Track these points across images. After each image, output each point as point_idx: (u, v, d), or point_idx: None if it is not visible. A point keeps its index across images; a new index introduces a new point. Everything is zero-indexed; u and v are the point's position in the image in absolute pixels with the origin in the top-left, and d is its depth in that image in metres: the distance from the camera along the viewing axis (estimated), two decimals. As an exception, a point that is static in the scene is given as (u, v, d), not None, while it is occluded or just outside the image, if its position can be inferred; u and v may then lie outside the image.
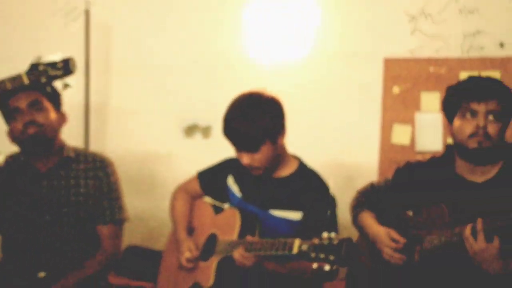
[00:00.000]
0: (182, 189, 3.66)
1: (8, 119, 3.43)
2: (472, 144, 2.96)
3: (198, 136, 4.94)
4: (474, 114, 2.95)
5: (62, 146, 3.53)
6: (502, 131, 2.98)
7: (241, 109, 3.18)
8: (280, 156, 3.29)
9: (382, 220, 3.27)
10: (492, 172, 3.03)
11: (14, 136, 3.43)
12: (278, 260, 3.14)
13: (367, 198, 3.36)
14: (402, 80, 4.59)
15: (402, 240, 3.09)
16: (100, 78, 5.00)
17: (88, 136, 4.90)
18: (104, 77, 5.06)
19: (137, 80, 5.03)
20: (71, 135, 3.77)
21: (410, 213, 3.22)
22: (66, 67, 3.19)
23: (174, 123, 4.97)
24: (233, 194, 3.43)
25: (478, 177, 3.05)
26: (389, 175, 3.38)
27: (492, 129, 2.94)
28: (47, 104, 3.42)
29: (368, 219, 3.27)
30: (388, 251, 3.11)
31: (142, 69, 5.03)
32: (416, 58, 4.58)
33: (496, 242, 2.76)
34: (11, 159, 3.55)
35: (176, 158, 4.96)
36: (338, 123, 4.70)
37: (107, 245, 3.55)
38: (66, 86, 3.23)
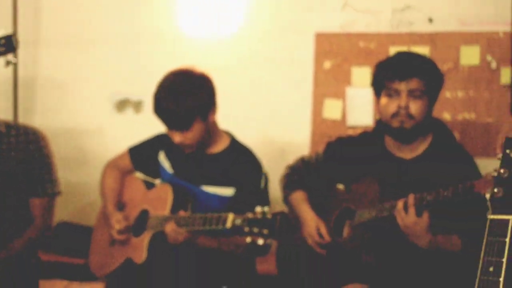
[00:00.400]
0: (113, 164, 3.63)
1: None
2: (395, 123, 3.01)
3: (129, 111, 4.89)
4: (396, 93, 2.99)
5: None
6: (427, 107, 3.02)
7: (171, 87, 3.17)
8: (211, 132, 3.29)
9: (313, 194, 3.30)
10: (420, 148, 3.09)
11: None
12: (210, 235, 3.15)
13: (299, 175, 3.38)
14: (333, 55, 4.61)
15: (327, 238, 3.13)
16: (28, 50, 4.90)
17: (16, 110, 4.80)
18: (32, 50, 4.96)
19: (67, 53, 4.94)
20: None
21: (341, 187, 3.26)
22: (8, 44, 3.13)
23: (105, 98, 4.91)
24: (164, 170, 3.42)
25: (407, 154, 3.10)
26: (321, 149, 3.41)
27: (414, 107, 2.99)
28: None
29: (300, 202, 3.29)
30: (312, 243, 3.15)
31: (72, 42, 4.94)
32: (346, 33, 4.61)
33: (425, 216, 2.81)
34: None
35: (107, 133, 4.91)
36: (270, 98, 4.70)
37: (39, 218, 3.50)
38: (8, 63, 3.17)
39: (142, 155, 3.53)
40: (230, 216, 2.86)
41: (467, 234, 2.88)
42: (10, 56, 3.19)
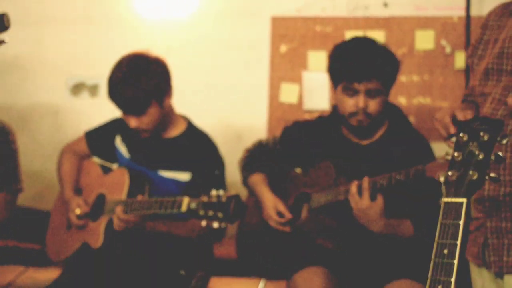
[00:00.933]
0: (69, 149, 3.60)
1: None
2: (353, 122, 3.04)
3: (85, 95, 4.85)
4: (354, 92, 3.01)
5: None
6: (384, 103, 3.05)
7: (124, 72, 3.15)
8: (167, 116, 3.28)
9: (271, 177, 3.32)
10: (376, 134, 3.12)
11: None
12: (165, 220, 3.15)
13: (257, 158, 3.39)
14: (289, 39, 4.62)
15: (287, 215, 3.14)
16: (-19, 32, 4.83)
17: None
18: (-15, 32, 4.88)
19: (21, 32, 4.86)
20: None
21: (299, 170, 3.28)
22: (0, 23, 3.08)
23: (60, 81, 4.85)
24: (121, 155, 3.40)
25: (363, 140, 3.12)
26: (278, 133, 3.42)
27: (372, 106, 3.01)
28: None
29: (258, 184, 3.30)
30: (273, 224, 3.16)
31: (27, 21, 4.87)
32: (303, 17, 4.61)
33: (380, 200, 2.84)
34: None
35: (62, 117, 4.86)
36: (226, 82, 4.69)
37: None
38: (1, 42, 3.14)
39: (98, 140, 3.51)
40: (185, 200, 2.86)
41: (419, 218, 2.92)
42: (2, 36, 3.15)
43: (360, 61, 3.00)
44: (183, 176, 3.25)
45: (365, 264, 3.03)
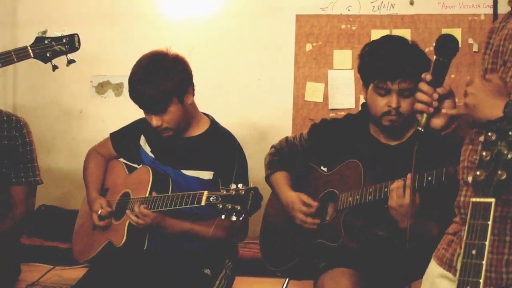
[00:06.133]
0: (95, 150, 3.63)
1: None
2: (385, 122, 3.00)
3: (109, 93, 4.86)
4: (387, 92, 2.97)
5: None
6: (415, 102, 3.01)
7: (144, 71, 3.16)
8: (190, 115, 3.28)
9: (296, 175, 3.30)
10: (405, 135, 3.08)
11: None
12: (187, 218, 3.16)
13: (282, 155, 3.38)
14: (315, 37, 4.60)
15: (314, 203, 3.12)
16: (6, 30, 4.86)
17: (-4, 92, 4.78)
18: (11, 30, 4.91)
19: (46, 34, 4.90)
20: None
21: (325, 169, 3.26)
22: (71, 43, 3.13)
23: (85, 80, 4.88)
24: (145, 154, 3.41)
25: (391, 140, 3.09)
26: (303, 132, 3.40)
27: (405, 106, 2.97)
28: None
29: (281, 183, 3.28)
30: (301, 217, 3.13)
31: (51, 22, 4.88)
32: (328, 15, 4.60)
33: (417, 199, 2.81)
34: None
35: (87, 115, 4.88)
36: (251, 81, 4.70)
37: (19, 206, 3.50)
38: (71, 62, 3.18)
39: (123, 141, 3.52)
40: (205, 194, 2.86)
41: (445, 219, 2.89)
42: (72, 55, 3.21)
43: (394, 60, 2.96)
44: (206, 175, 3.24)
45: (390, 265, 3.00)
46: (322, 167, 3.27)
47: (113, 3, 4.85)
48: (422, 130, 2.18)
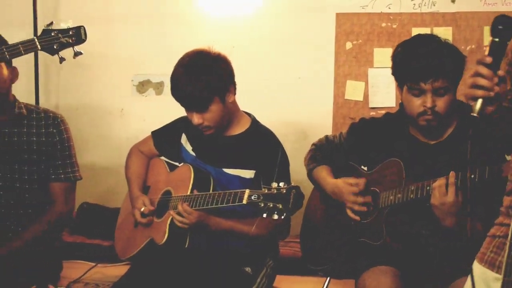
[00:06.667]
0: (137, 149, 3.66)
1: None
2: (421, 122, 2.98)
3: (150, 92, 4.89)
4: (421, 92, 2.95)
5: (14, 103, 3.48)
6: (452, 101, 2.98)
7: (186, 69, 3.17)
8: (231, 114, 3.29)
9: (336, 174, 3.30)
10: (444, 134, 3.06)
11: None
12: (229, 217, 3.17)
13: (323, 152, 3.38)
14: (355, 35, 4.58)
15: (361, 181, 3.12)
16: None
17: (38, 91, 4.81)
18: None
19: (88, 32, 4.92)
20: (21, 90, 3.72)
21: (365, 168, 3.25)
22: (78, 35, 3.15)
23: (126, 79, 4.91)
24: (187, 153, 3.42)
25: (431, 140, 3.07)
26: (344, 130, 3.40)
27: (440, 105, 2.94)
28: None
29: (324, 173, 3.29)
30: (352, 198, 3.12)
31: (92, 21, 4.89)
32: (368, 13, 4.58)
33: (460, 198, 2.79)
34: None
35: (128, 114, 4.91)
36: (291, 80, 4.69)
37: (60, 201, 3.53)
38: (77, 54, 3.20)
39: (164, 139, 3.55)
40: (246, 192, 2.86)
41: (489, 218, 2.86)
42: (78, 47, 3.22)
43: (424, 60, 2.92)
44: (248, 174, 3.25)
45: (432, 264, 2.99)
46: (362, 166, 3.27)
47: (154, 2, 4.87)
48: (478, 116, 2.06)
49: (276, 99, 4.67)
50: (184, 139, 3.45)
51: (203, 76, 3.12)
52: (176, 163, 3.49)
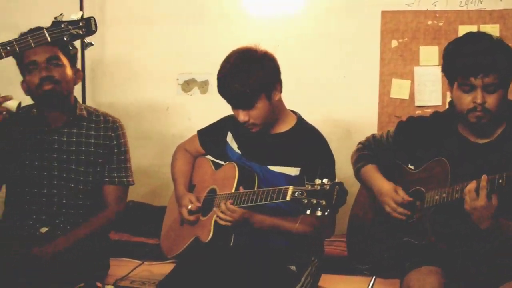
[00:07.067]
0: (183, 147, 3.68)
1: (24, 71, 3.44)
2: (471, 119, 2.95)
3: (195, 91, 4.91)
4: (471, 88, 2.92)
5: (75, 104, 3.55)
6: (502, 98, 2.95)
7: (233, 66, 3.18)
8: (277, 111, 3.29)
9: (383, 173, 3.28)
10: (494, 133, 3.02)
11: (28, 89, 3.45)
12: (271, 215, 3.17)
13: (370, 150, 3.36)
14: (400, 33, 4.55)
15: (407, 198, 3.09)
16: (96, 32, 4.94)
17: (84, 90, 4.86)
18: (99, 29, 4.98)
19: (133, 32, 4.98)
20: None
21: (412, 167, 3.23)
22: (88, 26, 3.16)
23: (171, 78, 4.94)
24: (232, 151, 3.43)
25: (480, 139, 3.04)
26: (390, 129, 3.38)
27: (490, 102, 2.91)
28: (64, 60, 3.44)
29: (372, 172, 3.27)
30: (392, 204, 3.10)
31: (137, 21, 4.98)
32: (414, 11, 4.54)
33: (494, 200, 2.76)
34: (23, 111, 3.56)
35: (173, 113, 4.94)
36: (336, 78, 4.67)
37: (112, 205, 3.60)
38: (88, 45, 3.22)
39: (210, 137, 3.57)
40: (290, 189, 2.85)
41: None
42: (88, 38, 3.23)
43: (475, 54, 2.91)
44: (293, 171, 3.25)
45: (478, 265, 2.96)
46: (409, 165, 3.24)
47: (199, 2, 4.89)
48: None
49: (321, 97, 4.66)
50: (229, 138, 3.46)
51: (250, 73, 3.12)
52: (222, 162, 3.51)
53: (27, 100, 3.51)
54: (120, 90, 5.04)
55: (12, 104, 3.16)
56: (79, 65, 3.62)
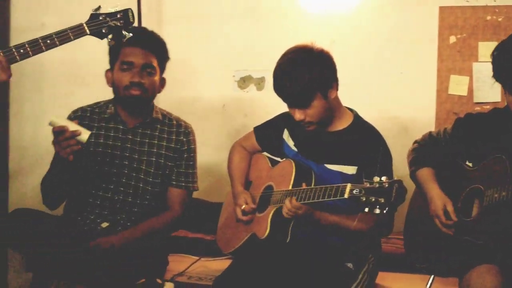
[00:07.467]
0: (239, 144, 3.69)
1: (114, 63, 3.53)
2: None
3: (251, 88, 4.92)
4: None
5: (152, 107, 3.63)
6: None
7: (289, 65, 3.17)
8: (334, 109, 3.28)
9: (440, 171, 3.24)
10: None
11: (113, 83, 3.54)
12: (329, 210, 3.16)
13: (426, 151, 3.33)
14: (459, 29, 4.50)
15: (454, 218, 3.07)
16: (151, 27, 4.96)
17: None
18: (156, 27, 5.02)
19: (190, 29, 5.01)
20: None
21: (470, 164, 3.19)
22: (126, 18, 3.19)
23: (228, 75, 4.95)
24: (288, 148, 3.43)
25: None
26: (447, 126, 3.34)
27: None
28: (157, 69, 3.54)
29: (427, 179, 3.24)
30: (438, 224, 3.10)
31: (194, 19, 5.01)
32: (472, 6, 4.49)
33: None
34: (98, 107, 3.65)
35: (230, 110, 4.96)
36: (392, 74, 4.64)
37: (175, 208, 3.64)
38: (125, 37, 3.24)
39: (267, 134, 3.57)
40: (348, 186, 2.84)
41: None
42: (126, 31, 3.25)
43: None
44: (350, 170, 3.23)
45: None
46: (467, 162, 3.21)
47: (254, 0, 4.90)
48: None
49: (378, 94, 4.64)
50: (286, 135, 3.46)
51: (305, 72, 3.11)
52: (278, 159, 3.51)
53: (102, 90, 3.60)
54: (177, 87, 5.03)
55: (83, 137, 3.23)
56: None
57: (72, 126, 3.24)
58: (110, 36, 3.13)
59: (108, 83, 3.58)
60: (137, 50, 3.48)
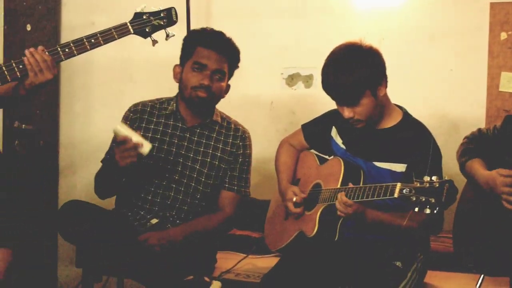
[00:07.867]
0: (287, 141, 3.70)
1: (186, 60, 3.56)
2: None
3: (299, 85, 4.91)
4: None
5: (213, 109, 3.68)
6: None
7: (338, 62, 3.16)
8: (383, 107, 3.26)
9: (489, 167, 3.21)
10: None
11: (181, 80, 3.58)
12: (377, 208, 3.14)
13: (476, 144, 3.29)
14: (510, 25, 4.44)
15: None
16: (200, 24, 4.97)
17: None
18: (204, 23, 5.03)
19: (238, 26, 4.99)
20: (164, 87, 3.86)
21: (518, 161, 3.16)
22: (169, 17, 3.21)
23: (276, 72, 4.95)
24: (337, 146, 3.43)
25: None
26: (497, 124, 3.31)
27: None
28: (226, 75, 3.60)
29: (477, 166, 3.21)
30: (505, 189, 3.03)
31: (242, 15, 5.00)
32: (524, 2, 4.43)
33: None
34: (159, 103, 3.69)
35: (278, 107, 4.95)
36: (442, 71, 4.59)
37: (226, 210, 3.67)
38: (169, 36, 3.26)
39: (315, 132, 3.57)
40: (398, 186, 2.82)
41: None
42: (170, 30, 3.27)
43: None
44: (399, 167, 3.21)
45: None
46: (517, 160, 3.17)
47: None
48: None
49: (427, 91, 4.59)
50: (334, 132, 3.45)
51: (354, 70, 3.10)
52: (326, 156, 3.50)
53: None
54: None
55: (145, 150, 3.26)
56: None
57: (135, 137, 3.27)
58: (153, 35, 3.18)
59: (174, 78, 3.62)
60: (212, 54, 3.51)
